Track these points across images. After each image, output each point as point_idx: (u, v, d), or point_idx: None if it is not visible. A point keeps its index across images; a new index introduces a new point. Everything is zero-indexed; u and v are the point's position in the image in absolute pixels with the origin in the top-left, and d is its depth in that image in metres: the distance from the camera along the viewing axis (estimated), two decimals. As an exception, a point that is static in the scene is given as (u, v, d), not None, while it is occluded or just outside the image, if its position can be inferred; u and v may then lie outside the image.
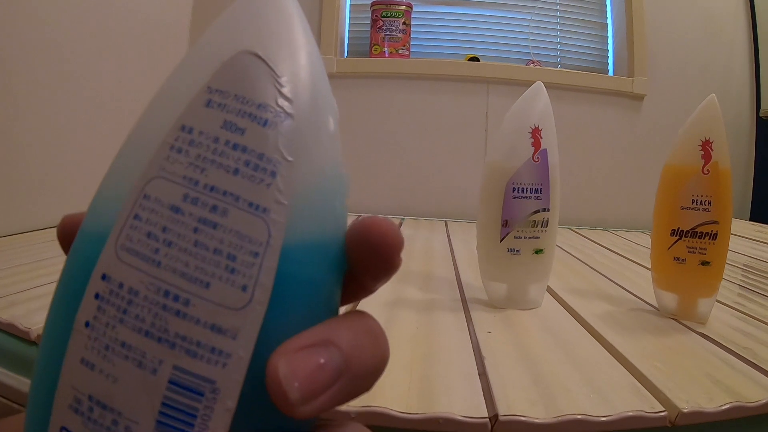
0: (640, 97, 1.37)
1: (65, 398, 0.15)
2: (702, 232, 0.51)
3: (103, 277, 0.15)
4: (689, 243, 0.51)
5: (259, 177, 0.15)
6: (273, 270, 0.15)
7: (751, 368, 0.41)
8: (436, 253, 0.84)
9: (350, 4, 1.46)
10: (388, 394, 0.33)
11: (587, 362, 0.41)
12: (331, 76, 1.36)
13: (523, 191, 0.50)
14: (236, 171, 0.15)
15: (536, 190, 0.51)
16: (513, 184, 0.50)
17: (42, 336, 0.17)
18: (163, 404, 0.14)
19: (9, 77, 0.77)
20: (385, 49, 1.34)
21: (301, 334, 0.15)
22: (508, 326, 0.48)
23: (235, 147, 0.16)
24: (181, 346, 0.14)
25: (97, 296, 0.15)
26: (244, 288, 0.15)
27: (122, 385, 0.14)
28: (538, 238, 0.52)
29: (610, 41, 1.46)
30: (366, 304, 0.52)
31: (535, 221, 0.51)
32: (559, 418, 0.31)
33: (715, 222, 0.50)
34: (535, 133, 0.50)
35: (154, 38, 1.18)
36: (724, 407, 0.33)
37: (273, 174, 0.15)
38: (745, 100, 1.47)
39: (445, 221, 1.29)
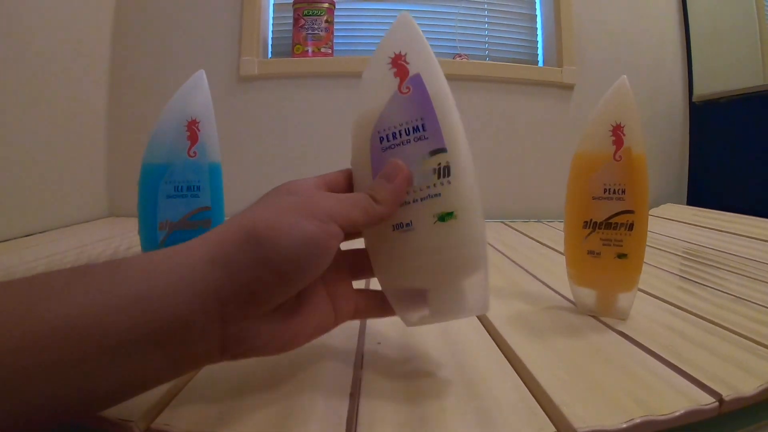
0: (569, 87, 1.35)
1: None
2: (617, 223, 0.47)
3: None
4: (603, 235, 0.47)
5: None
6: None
7: (669, 370, 0.37)
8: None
9: (273, 4, 1.40)
10: None
11: (479, 374, 0.36)
12: (253, 78, 1.29)
13: (395, 137, 0.34)
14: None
15: (417, 129, 0.34)
16: (379, 132, 0.34)
17: None
18: None
19: None
20: (308, 48, 1.28)
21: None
22: (401, 335, 0.44)
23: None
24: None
25: None
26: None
27: None
28: (439, 195, 0.33)
29: (539, 32, 1.44)
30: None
31: (435, 169, 0.33)
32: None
33: (630, 212, 0.47)
34: (397, 60, 0.34)
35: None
36: (626, 425, 0.29)
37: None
38: (678, 86, 1.47)
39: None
